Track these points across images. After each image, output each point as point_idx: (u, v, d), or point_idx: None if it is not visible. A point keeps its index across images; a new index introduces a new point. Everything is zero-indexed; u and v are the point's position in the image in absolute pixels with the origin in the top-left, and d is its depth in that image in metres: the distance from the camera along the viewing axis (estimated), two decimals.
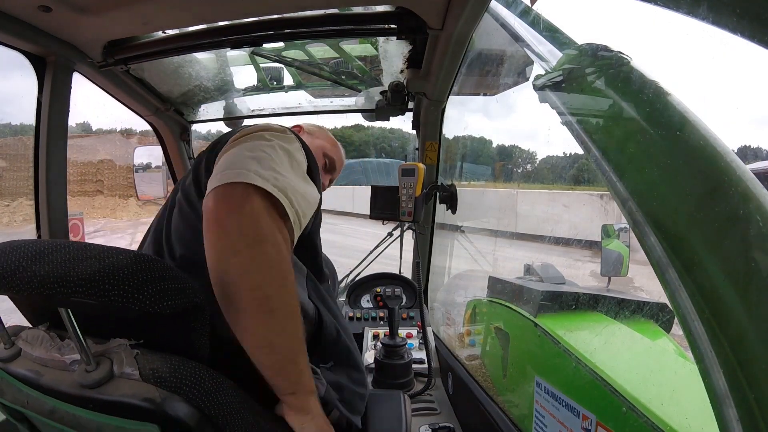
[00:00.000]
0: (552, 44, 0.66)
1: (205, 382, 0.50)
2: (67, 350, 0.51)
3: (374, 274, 1.76)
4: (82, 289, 0.44)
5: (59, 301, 0.45)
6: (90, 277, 0.45)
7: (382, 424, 0.87)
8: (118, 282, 0.45)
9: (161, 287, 0.48)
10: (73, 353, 0.51)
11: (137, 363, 0.48)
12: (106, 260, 0.47)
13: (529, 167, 1.72)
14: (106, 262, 0.47)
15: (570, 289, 0.98)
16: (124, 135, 15.29)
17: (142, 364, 0.48)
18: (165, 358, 0.50)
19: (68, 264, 0.46)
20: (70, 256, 0.47)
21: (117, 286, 0.45)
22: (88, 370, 0.47)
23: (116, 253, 0.49)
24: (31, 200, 1.13)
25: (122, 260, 0.48)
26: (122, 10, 0.91)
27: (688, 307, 0.36)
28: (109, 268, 0.46)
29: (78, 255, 0.48)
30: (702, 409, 0.45)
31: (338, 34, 1.15)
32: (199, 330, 0.55)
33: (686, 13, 0.40)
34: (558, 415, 0.72)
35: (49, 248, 0.48)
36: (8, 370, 0.52)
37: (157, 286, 0.47)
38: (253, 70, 1.52)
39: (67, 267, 0.46)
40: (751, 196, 0.34)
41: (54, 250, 0.48)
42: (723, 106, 0.58)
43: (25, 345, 0.54)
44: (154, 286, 0.47)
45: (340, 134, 29.99)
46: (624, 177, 0.45)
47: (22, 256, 0.47)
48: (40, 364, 0.52)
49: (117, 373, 0.48)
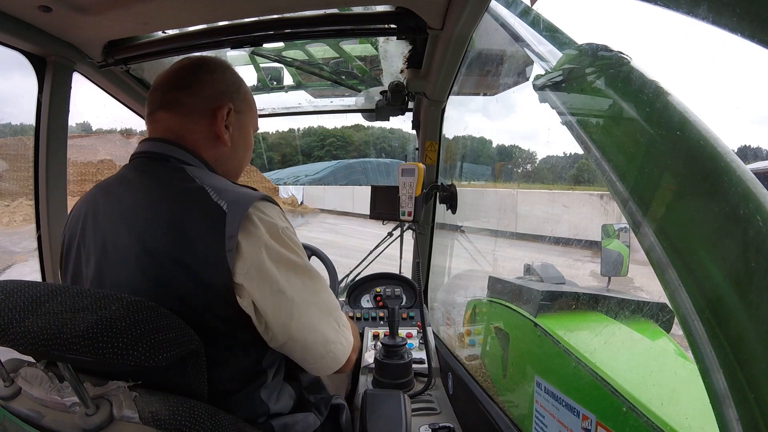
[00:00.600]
0: (552, 44, 0.66)
1: (203, 422, 0.51)
2: (66, 392, 0.52)
3: (374, 274, 1.76)
4: (77, 347, 0.44)
5: (55, 357, 0.45)
6: (84, 334, 0.45)
7: (382, 424, 0.87)
8: (113, 337, 0.46)
9: (157, 339, 0.48)
10: (72, 396, 0.51)
11: (136, 406, 0.49)
12: (100, 312, 0.47)
13: (529, 167, 1.72)
14: (100, 314, 0.47)
15: (570, 289, 0.98)
16: (124, 135, 15.30)
17: (141, 406, 0.49)
18: (163, 399, 0.51)
19: (62, 317, 0.46)
20: (63, 307, 0.47)
21: (111, 342, 0.46)
22: (88, 414, 0.48)
23: (110, 302, 0.49)
24: (31, 200, 1.13)
25: (116, 311, 0.48)
26: (122, 10, 0.91)
27: (688, 307, 0.36)
28: (103, 322, 0.46)
29: (72, 305, 0.48)
30: (702, 409, 0.45)
31: (338, 34, 1.15)
32: (196, 373, 0.56)
33: (686, 13, 0.40)
34: (558, 415, 0.72)
35: (42, 296, 0.48)
36: (10, 409, 0.52)
37: (153, 339, 0.48)
38: (253, 70, 1.52)
39: (61, 321, 0.45)
40: (751, 196, 0.34)
41: (47, 299, 0.48)
42: (723, 106, 0.58)
43: (24, 384, 0.54)
44: (149, 339, 0.48)
45: (340, 134, 30.02)
46: (624, 177, 0.45)
47: (14, 306, 0.46)
48: (40, 405, 0.52)
49: (117, 416, 0.48)
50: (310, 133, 32.73)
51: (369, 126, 9.16)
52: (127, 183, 0.67)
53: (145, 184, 0.65)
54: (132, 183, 0.66)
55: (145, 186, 0.65)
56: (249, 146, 0.81)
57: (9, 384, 0.54)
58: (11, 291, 0.48)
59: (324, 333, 0.66)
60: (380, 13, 0.98)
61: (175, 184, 0.63)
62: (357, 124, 19.34)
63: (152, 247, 0.59)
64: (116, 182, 0.69)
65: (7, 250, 8.01)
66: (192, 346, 0.53)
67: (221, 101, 0.72)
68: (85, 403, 0.47)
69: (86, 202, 0.71)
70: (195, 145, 0.70)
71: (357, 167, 20.37)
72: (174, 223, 0.59)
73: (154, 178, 0.65)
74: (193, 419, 0.50)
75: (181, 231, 0.58)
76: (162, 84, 0.73)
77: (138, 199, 0.64)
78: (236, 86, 0.77)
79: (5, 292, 0.48)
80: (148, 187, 0.65)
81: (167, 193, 0.62)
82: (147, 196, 0.64)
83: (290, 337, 0.63)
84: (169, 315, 0.53)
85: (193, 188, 0.61)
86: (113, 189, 0.69)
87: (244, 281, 0.58)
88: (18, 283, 0.50)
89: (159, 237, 0.59)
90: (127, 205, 0.64)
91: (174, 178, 0.64)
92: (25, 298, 0.47)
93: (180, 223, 0.59)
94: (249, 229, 0.59)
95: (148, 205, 0.62)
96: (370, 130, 31.74)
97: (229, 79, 0.76)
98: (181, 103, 0.71)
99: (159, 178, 0.65)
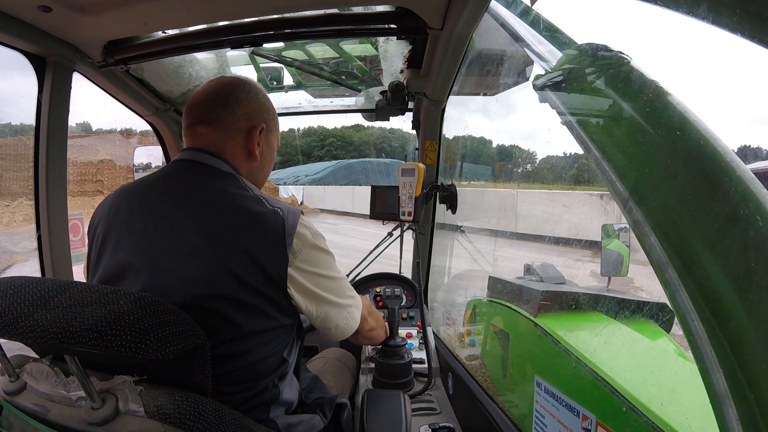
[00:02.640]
0: (552, 44, 0.66)
1: (207, 416, 0.51)
2: (72, 387, 0.52)
3: (374, 274, 1.75)
4: (86, 340, 0.45)
5: (64, 350, 0.46)
6: (93, 327, 0.45)
7: (382, 424, 0.87)
8: (122, 331, 0.46)
9: (164, 333, 0.49)
10: (78, 390, 0.52)
11: (142, 400, 0.50)
12: (108, 306, 0.48)
13: (529, 167, 1.72)
14: (109, 308, 0.48)
15: (570, 289, 0.99)
16: (124, 135, 15.29)
17: (146, 400, 0.49)
18: (168, 393, 0.51)
19: (71, 311, 0.46)
20: (72, 301, 0.48)
21: (120, 335, 0.46)
22: (94, 408, 0.48)
23: (117, 297, 0.50)
24: (31, 200, 1.13)
25: (124, 306, 0.48)
26: (122, 10, 0.91)
27: (688, 307, 0.36)
28: (111, 316, 0.47)
29: (80, 299, 0.48)
30: (702, 409, 0.45)
31: (338, 34, 1.15)
32: (201, 367, 0.56)
33: (686, 13, 0.40)
34: (558, 415, 0.72)
35: (50, 291, 0.48)
36: (15, 404, 0.53)
37: (160, 332, 0.49)
38: (253, 69, 1.52)
39: (69, 315, 0.46)
40: (751, 196, 0.34)
41: (56, 294, 0.48)
42: (723, 106, 0.58)
43: (29, 379, 0.55)
44: (157, 332, 0.48)
45: (340, 134, 30.00)
46: (624, 177, 0.45)
47: (23, 300, 0.47)
48: (46, 399, 0.53)
49: (122, 410, 0.49)
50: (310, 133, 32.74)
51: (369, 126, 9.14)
52: (181, 182, 0.74)
53: (203, 184, 0.73)
54: (186, 183, 0.74)
55: (203, 186, 0.73)
56: (273, 161, 0.91)
57: (14, 379, 0.55)
58: (20, 286, 0.48)
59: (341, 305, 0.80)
60: (380, 13, 0.98)
61: (230, 190, 0.73)
62: (357, 124, 19.35)
63: (217, 237, 0.67)
64: (163, 181, 0.76)
65: (7, 250, 8.01)
66: (197, 340, 0.54)
67: (255, 121, 0.82)
68: (92, 397, 0.48)
69: (125, 197, 0.76)
70: (232, 158, 0.79)
71: (357, 167, 20.36)
72: (238, 219, 0.69)
73: (209, 180, 0.74)
74: (197, 413, 0.50)
75: (246, 226, 0.68)
76: (201, 101, 0.81)
77: (196, 196, 0.72)
78: (267, 107, 0.86)
79: (14, 287, 0.48)
80: (207, 187, 0.73)
81: (226, 196, 0.72)
82: (206, 194, 0.72)
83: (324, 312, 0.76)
84: (175, 310, 0.53)
85: (248, 196, 0.72)
86: (163, 185, 0.75)
87: (294, 272, 0.69)
88: (26, 278, 0.51)
89: (224, 229, 0.68)
90: (183, 201, 0.71)
91: (229, 184, 0.74)
92: (34, 292, 0.48)
93: (244, 220, 0.69)
94: (301, 232, 0.71)
95: (211, 203, 0.71)
96: (370, 130, 31.72)
97: (261, 100, 0.84)
98: (220, 120, 0.79)
99: (214, 182, 0.74)
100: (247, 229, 0.68)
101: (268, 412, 0.74)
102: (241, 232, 0.67)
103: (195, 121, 0.81)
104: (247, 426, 0.57)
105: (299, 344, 0.84)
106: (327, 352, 1.36)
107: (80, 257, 1.91)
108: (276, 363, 0.74)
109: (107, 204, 0.78)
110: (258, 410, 0.72)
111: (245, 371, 0.69)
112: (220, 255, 0.66)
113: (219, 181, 0.74)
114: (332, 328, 0.80)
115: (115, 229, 0.72)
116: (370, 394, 0.95)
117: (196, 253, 0.66)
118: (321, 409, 0.85)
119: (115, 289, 0.52)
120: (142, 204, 0.73)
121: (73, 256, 1.20)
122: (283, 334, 0.74)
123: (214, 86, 0.82)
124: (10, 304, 0.46)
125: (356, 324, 0.84)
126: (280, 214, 0.70)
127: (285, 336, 0.75)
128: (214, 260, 0.66)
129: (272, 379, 0.74)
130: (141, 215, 0.71)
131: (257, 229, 0.68)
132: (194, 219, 0.68)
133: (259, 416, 0.72)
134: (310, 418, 0.81)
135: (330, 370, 1.22)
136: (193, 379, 0.56)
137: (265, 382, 0.72)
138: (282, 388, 0.76)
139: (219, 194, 0.72)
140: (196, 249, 0.66)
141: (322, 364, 1.25)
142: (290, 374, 0.81)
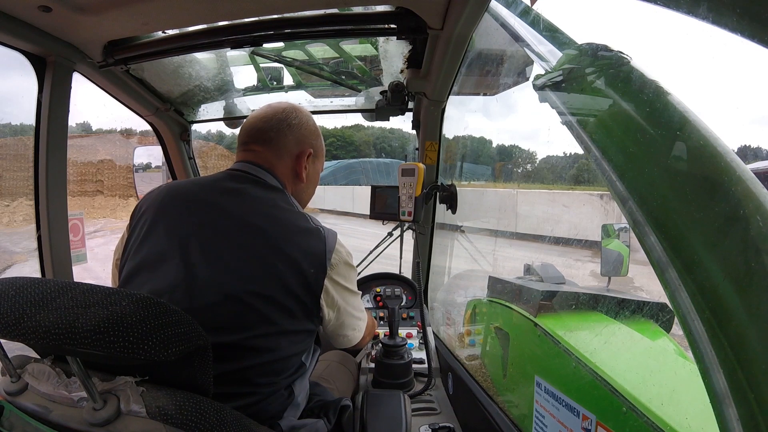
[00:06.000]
0: (552, 44, 0.66)
1: (209, 417, 0.51)
2: (73, 387, 0.52)
3: (374, 274, 1.76)
4: (89, 341, 0.45)
5: (66, 351, 0.46)
6: (96, 328, 0.45)
7: (382, 424, 0.87)
8: (124, 332, 0.46)
9: (166, 334, 0.49)
10: (80, 390, 0.52)
11: (143, 400, 0.49)
12: (111, 307, 0.48)
13: (529, 167, 1.72)
14: (111, 309, 0.48)
15: (570, 289, 0.99)
16: (124, 135, 15.29)
17: (148, 401, 0.49)
18: (170, 394, 0.51)
19: (73, 312, 0.46)
20: (74, 302, 0.48)
21: (123, 336, 0.46)
22: (95, 408, 0.48)
23: (120, 298, 0.50)
24: (31, 200, 1.12)
25: (126, 307, 0.48)
26: (122, 10, 0.91)
27: (688, 306, 0.36)
28: (114, 317, 0.47)
29: (83, 300, 0.48)
30: (702, 408, 0.45)
31: (338, 34, 1.15)
32: (203, 368, 0.56)
33: (686, 13, 0.40)
34: (558, 415, 0.72)
35: (53, 292, 0.48)
36: (16, 404, 0.53)
37: (163, 334, 0.49)
38: (253, 70, 1.52)
39: (72, 316, 0.46)
40: (751, 196, 0.34)
41: (58, 294, 0.48)
42: (723, 106, 0.58)
43: (31, 379, 0.55)
44: (160, 333, 0.48)
45: (340, 134, 30.00)
46: (624, 177, 0.45)
47: (26, 301, 0.47)
48: (47, 400, 0.53)
49: (124, 411, 0.49)
50: None
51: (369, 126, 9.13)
52: (234, 186, 0.80)
53: (255, 192, 0.80)
54: (239, 188, 0.80)
55: (254, 193, 0.80)
56: (317, 184, 0.98)
57: (16, 380, 0.55)
58: (22, 286, 0.48)
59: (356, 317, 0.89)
60: (380, 13, 0.98)
61: (279, 203, 0.80)
62: (357, 124, 19.35)
63: (268, 240, 0.73)
64: (217, 182, 0.81)
65: (7, 250, 8.01)
66: (199, 341, 0.54)
67: (304, 146, 0.89)
68: (93, 397, 0.48)
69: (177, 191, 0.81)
70: (282, 175, 0.86)
71: (357, 167, 20.34)
72: (288, 229, 0.76)
73: (261, 190, 0.81)
74: (199, 414, 0.50)
75: (294, 237, 0.75)
76: (256, 123, 0.88)
77: (248, 201, 0.78)
78: (316, 134, 0.93)
79: (16, 288, 0.48)
80: (259, 195, 0.80)
81: (276, 207, 0.79)
82: (258, 201, 0.79)
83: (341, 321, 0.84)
84: (177, 311, 0.53)
85: (295, 211, 0.80)
86: (217, 186, 0.81)
87: (328, 283, 0.77)
88: (28, 279, 0.51)
89: (274, 235, 0.74)
90: (236, 203, 0.77)
91: (278, 197, 0.81)
92: (36, 293, 0.48)
93: (293, 231, 0.76)
94: (338, 249, 0.80)
95: (262, 209, 0.77)
96: (370, 130, 31.72)
97: (311, 126, 0.92)
98: (274, 141, 0.86)
99: (265, 192, 0.81)
100: (296, 239, 0.75)
101: (283, 413, 0.77)
102: (291, 240, 0.74)
103: (250, 140, 0.87)
104: (248, 427, 0.57)
105: (317, 354, 0.90)
106: (328, 356, 1.36)
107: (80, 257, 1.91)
108: (297, 364, 0.79)
109: (158, 194, 0.82)
110: (278, 403, 0.76)
111: (273, 365, 0.73)
112: (270, 256, 0.72)
113: (269, 192, 0.81)
114: (341, 336, 0.87)
115: (166, 216, 0.77)
116: (370, 394, 0.95)
117: (246, 250, 0.72)
118: (325, 413, 0.86)
119: (117, 290, 0.53)
120: (197, 199, 0.79)
121: (73, 256, 1.20)
122: (307, 338, 0.79)
123: (269, 111, 0.89)
124: (12, 305, 0.46)
125: (361, 335, 0.92)
126: (322, 232, 0.78)
127: (308, 340, 0.80)
128: (263, 260, 0.71)
129: (292, 378, 0.79)
130: (195, 208, 0.77)
131: (304, 241, 0.75)
132: (246, 221, 0.74)
133: (275, 415, 0.76)
134: (314, 422, 0.82)
135: (332, 374, 1.22)
136: (195, 380, 0.56)
137: (286, 381, 0.77)
138: (297, 392, 0.80)
139: (269, 203, 0.79)
140: (246, 247, 0.72)
141: (324, 367, 1.25)
142: (306, 379, 0.85)
